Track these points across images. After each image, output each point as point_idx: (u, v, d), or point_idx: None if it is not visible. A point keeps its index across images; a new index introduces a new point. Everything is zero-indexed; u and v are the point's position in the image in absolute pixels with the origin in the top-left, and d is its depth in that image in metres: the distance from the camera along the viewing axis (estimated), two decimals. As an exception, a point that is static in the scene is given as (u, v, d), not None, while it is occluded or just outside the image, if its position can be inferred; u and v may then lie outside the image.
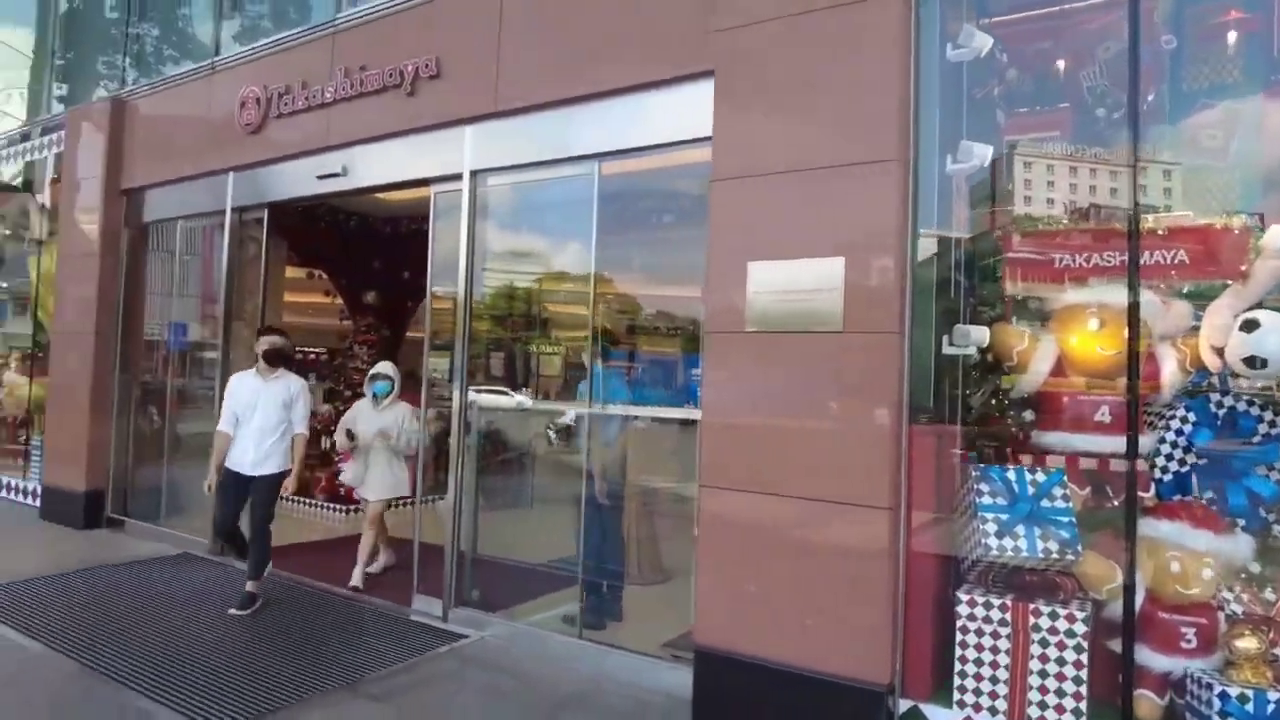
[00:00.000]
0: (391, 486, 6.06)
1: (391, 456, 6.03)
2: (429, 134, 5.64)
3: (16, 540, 7.29)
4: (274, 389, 5.51)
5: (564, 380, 5.50)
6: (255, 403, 5.45)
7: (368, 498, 6.07)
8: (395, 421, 6.02)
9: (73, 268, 8.13)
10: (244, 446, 5.44)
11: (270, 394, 5.49)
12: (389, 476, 6.04)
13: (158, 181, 7.70)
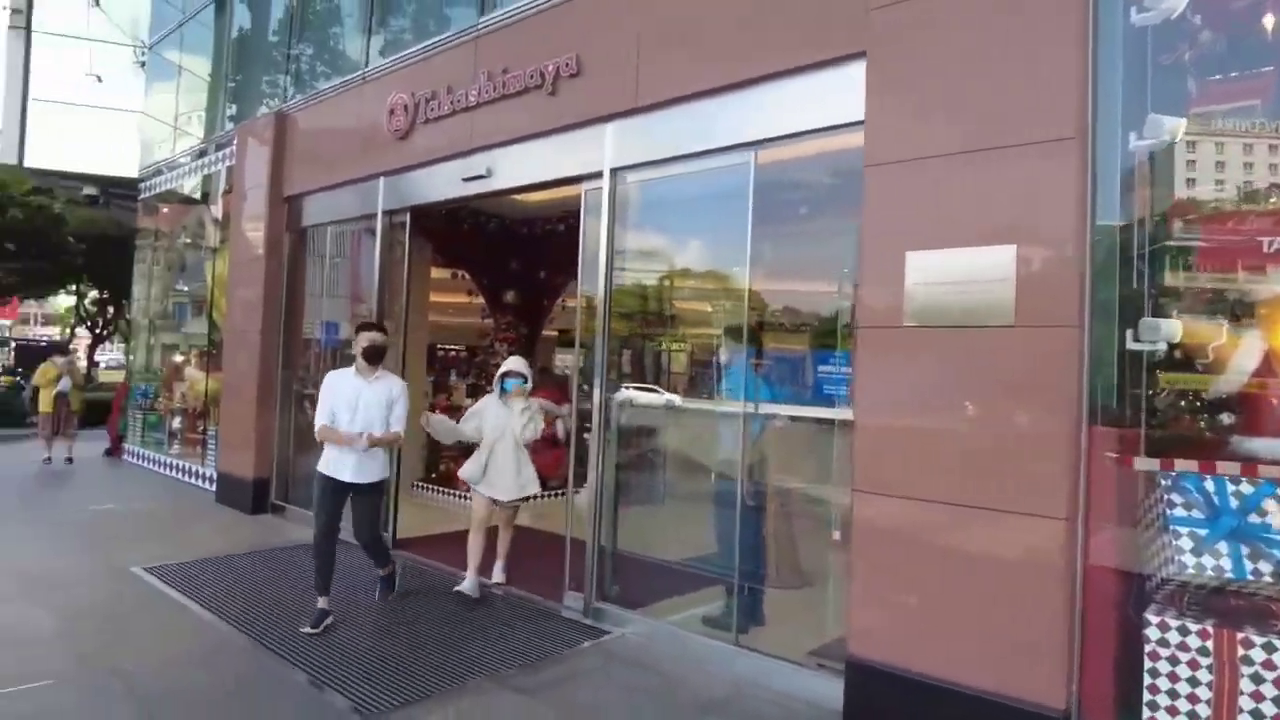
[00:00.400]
0: (521, 486, 5.65)
1: (519, 454, 5.63)
2: (569, 133, 5.65)
3: (196, 522, 7.88)
4: (376, 390, 5.12)
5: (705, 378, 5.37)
6: (356, 404, 5.04)
7: (499, 499, 5.65)
8: (524, 417, 5.64)
9: (241, 271, 8.73)
10: (342, 453, 5.03)
11: (372, 395, 5.09)
12: (519, 475, 5.64)
13: (315, 188, 8.13)
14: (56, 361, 11.15)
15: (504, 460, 5.57)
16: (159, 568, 6.08)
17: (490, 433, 5.62)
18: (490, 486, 5.61)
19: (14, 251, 19.51)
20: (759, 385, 5.00)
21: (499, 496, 5.61)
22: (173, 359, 11.53)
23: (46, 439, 10.99)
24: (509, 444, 5.58)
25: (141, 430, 11.44)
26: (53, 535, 7.13)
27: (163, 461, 10.65)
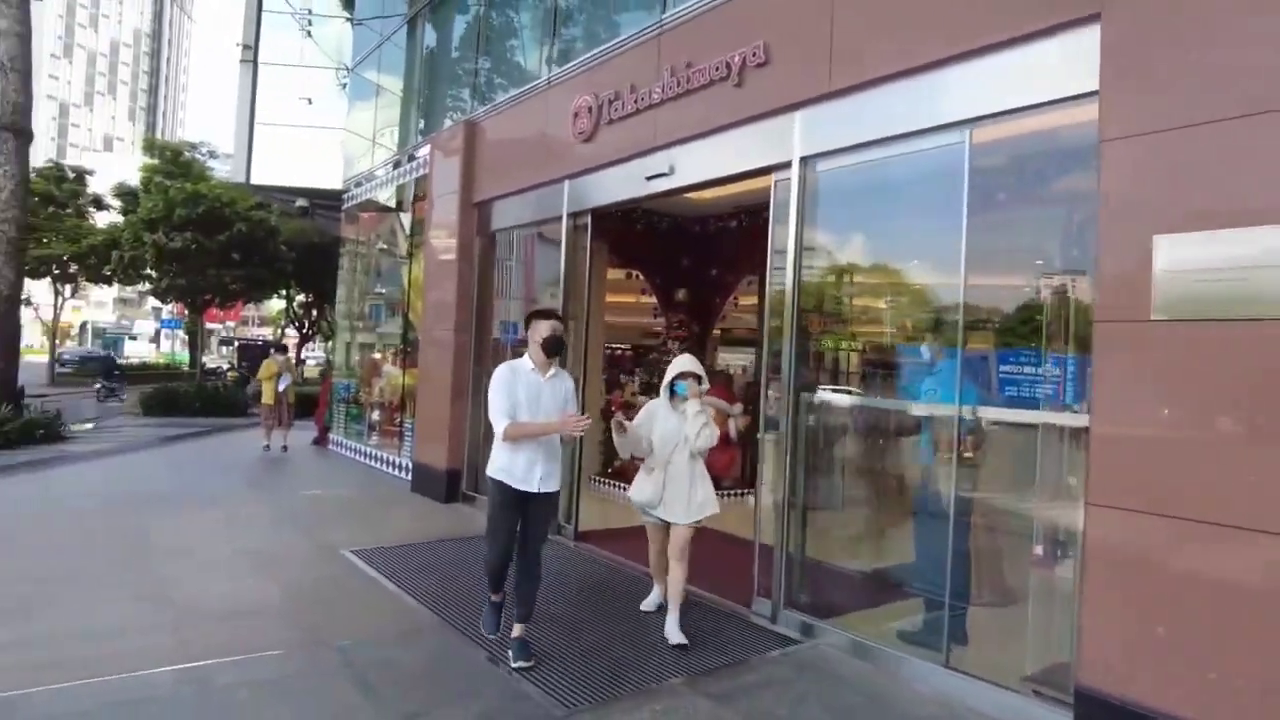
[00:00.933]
0: (700, 506, 4.83)
1: (695, 468, 4.83)
2: (756, 124, 5.46)
3: (394, 509, 8.37)
4: (556, 389, 4.44)
5: (903, 378, 5.01)
6: (537, 403, 4.34)
7: (675, 521, 4.81)
8: (698, 422, 4.79)
9: (435, 274, 9.18)
10: (529, 458, 4.31)
11: (553, 394, 4.41)
12: (697, 494, 4.83)
13: (502, 194, 8.40)
14: (277, 359, 12.30)
15: (678, 476, 4.79)
16: (363, 551, 6.46)
17: (661, 444, 4.82)
18: (667, 509, 4.81)
19: (238, 260, 21.80)
20: (966, 387, 4.61)
21: (674, 520, 4.81)
22: (371, 356, 12.38)
23: (267, 429, 12.14)
24: (682, 456, 4.80)
25: (344, 422, 12.39)
26: (273, 517, 7.77)
27: (363, 451, 11.45)
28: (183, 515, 7.63)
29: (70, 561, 5.87)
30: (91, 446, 13.48)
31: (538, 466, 4.34)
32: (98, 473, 10.02)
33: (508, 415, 4.25)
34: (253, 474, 10.42)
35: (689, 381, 4.86)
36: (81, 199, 29.94)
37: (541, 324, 4.46)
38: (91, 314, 64.85)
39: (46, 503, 8.03)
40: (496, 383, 4.33)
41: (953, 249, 4.27)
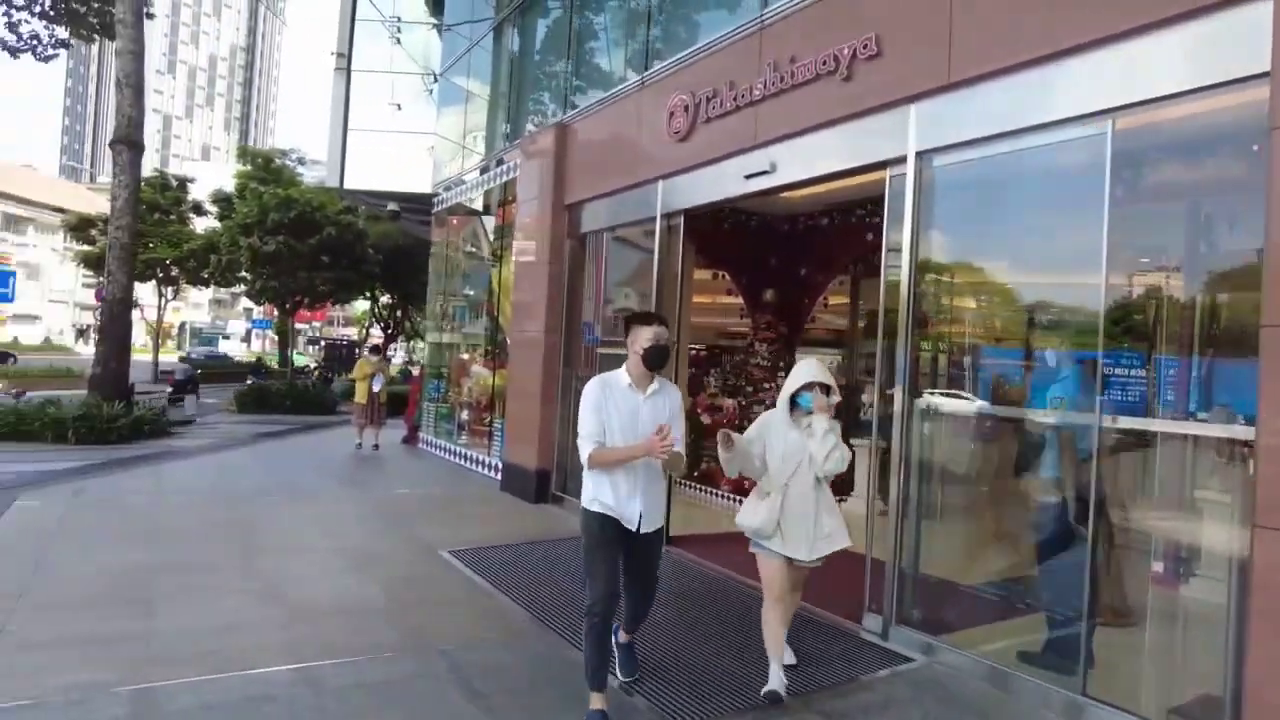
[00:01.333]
0: (828, 539, 4.02)
1: (821, 494, 4.03)
2: (866, 119, 5.23)
3: (486, 509, 8.39)
4: (658, 407, 3.71)
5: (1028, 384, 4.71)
6: (634, 424, 3.65)
7: (795, 558, 4.01)
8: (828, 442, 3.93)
9: (525, 276, 9.19)
10: (627, 489, 3.67)
11: (653, 414, 3.68)
12: (823, 524, 4.00)
13: (593, 195, 8.34)
14: (371, 359, 12.56)
15: (801, 504, 3.98)
16: (461, 551, 6.46)
17: (780, 466, 4.01)
18: (786, 542, 4.02)
19: (327, 263, 22.47)
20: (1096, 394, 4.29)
21: (794, 556, 4.01)
22: (459, 357, 12.52)
23: (359, 427, 12.39)
24: (806, 481, 3.97)
25: (434, 421, 12.56)
26: (370, 515, 7.88)
27: (452, 450, 11.58)
28: (284, 510, 7.81)
29: (185, 554, 6.03)
30: (194, 442, 14.04)
31: (637, 499, 3.67)
32: (203, 468, 10.39)
33: (595, 439, 3.62)
34: (346, 471, 10.64)
35: (815, 393, 3.99)
36: (183, 205, 31.39)
37: (643, 330, 3.71)
38: (189, 315, 68.06)
39: (161, 495, 8.33)
40: (585, 401, 3.72)
41: (1091, 247, 3.97)
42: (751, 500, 4.20)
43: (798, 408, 4.07)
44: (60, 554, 5.86)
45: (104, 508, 7.47)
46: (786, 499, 3.98)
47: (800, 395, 4.05)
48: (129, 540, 6.34)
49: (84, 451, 12.31)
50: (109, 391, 14.78)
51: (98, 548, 6.10)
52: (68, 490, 8.25)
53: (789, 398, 4.07)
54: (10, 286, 15.07)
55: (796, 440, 4.01)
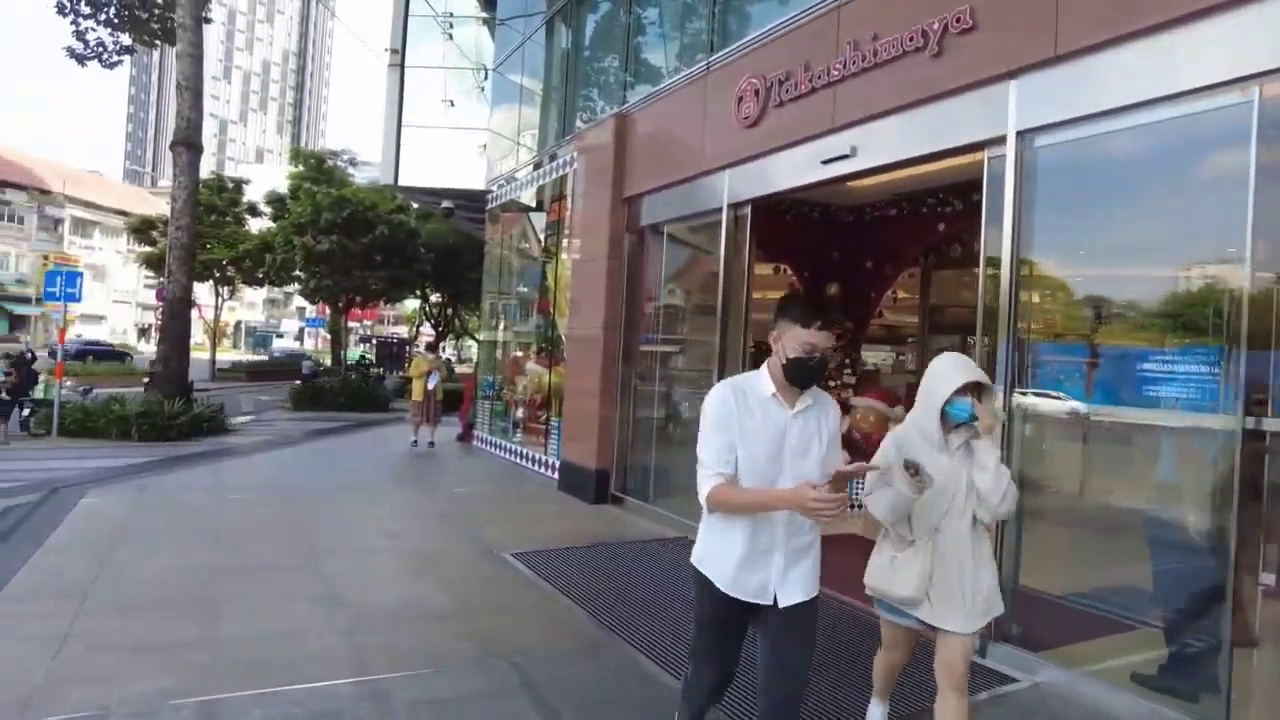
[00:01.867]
0: (986, 603, 2.96)
1: (981, 545, 2.98)
2: (958, 97, 4.85)
3: (545, 509, 8.17)
4: (810, 427, 2.60)
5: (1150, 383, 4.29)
6: (778, 454, 2.54)
7: (949, 629, 2.92)
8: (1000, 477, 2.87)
9: (583, 271, 8.95)
10: (765, 543, 2.55)
11: (802, 439, 2.57)
12: (982, 582, 2.94)
13: (654, 187, 8.05)
14: (427, 357, 12.47)
15: (955, 556, 2.92)
16: (525, 554, 6.23)
17: (930, 505, 2.91)
18: (934, 607, 2.93)
19: (380, 262, 22.62)
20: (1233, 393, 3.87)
21: (946, 626, 2.92)
22: (513, 354, 12.35)
23: (415, 425, 12.30)
24: (962, 525, 2.92)
25: (489, 419, 12.42)
26: (429, 514, 7.72)
27: (508, 448, 11.41)
28: (343, 508, 7.69)
29: (248, 555, 5.90)
30: (251, 439, 14.13)
31: (775, 557, 2.55)
32: (262, 466, 10.38)
33: (719, 469, 2.52)
34: (403, 469, 10.54)
35: (972, 400, 2.86)
36: (238, 207, 31.96)
37: (797, 332, 2.48)
38: (244, 314, 69.61)
39: (222, 491, 8.28)
40: (709, 414, 2.58)
41: (1230, 232, 3.55)
42: (882, 553, 3.10)
43: (947, 420, 2.92)
44: (124, 554, 5.78)
45: (167, 506, 7.42)
46: (935, 550, 2.93)
47: (953, 403, 2.86)
48: (192, 540, 6.25)
49: (147, 448, 12.45)
50: (170, 389, 14.98)
51: (161, 548, 6.02)
52: (132, 488, 8.25)
53: (937, 409, 2.89)
54: (78, 287, 15.31)
55: (948, 468, 2.92)
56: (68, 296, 14.94)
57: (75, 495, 7.71)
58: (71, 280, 15.16)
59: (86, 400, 14.91)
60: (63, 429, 13.42)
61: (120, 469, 10.23)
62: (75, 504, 7.31)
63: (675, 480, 7.85)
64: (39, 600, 4.77)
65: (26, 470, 10.39)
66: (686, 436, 7.80)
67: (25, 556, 5.62)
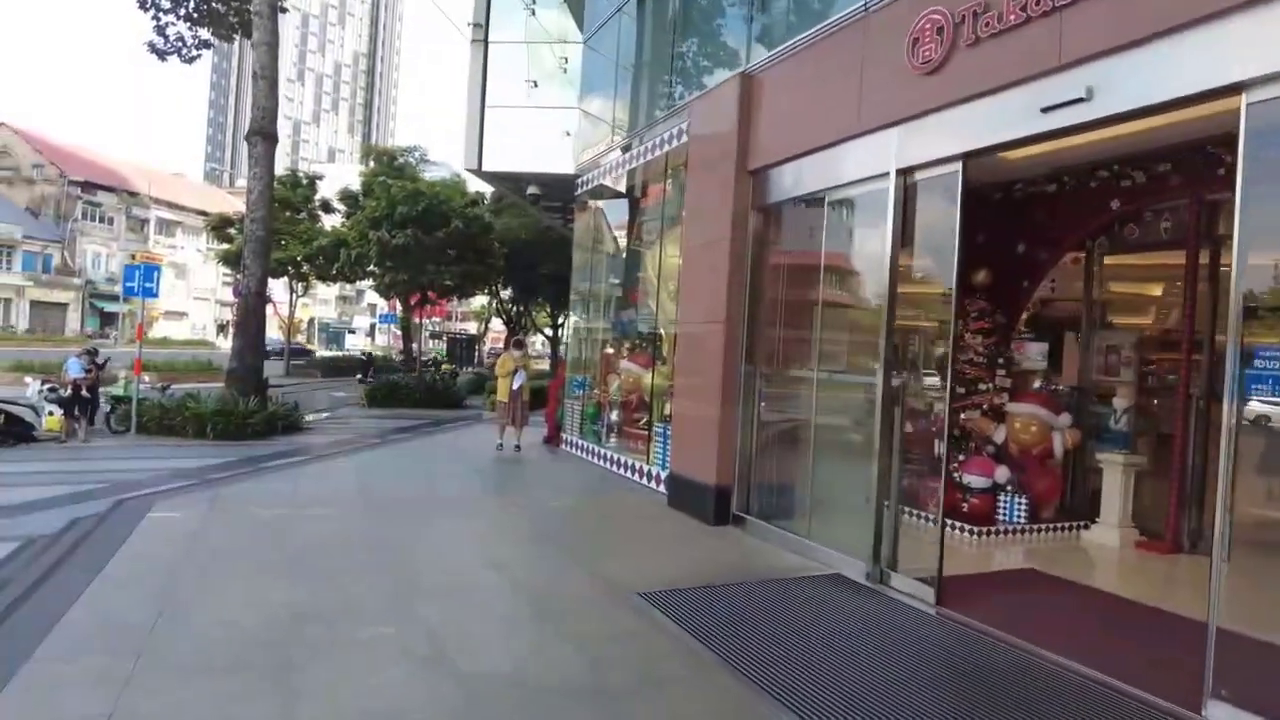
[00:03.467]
0: None
1: None
2: (1239, 15, 3.55)
3: (659, 530, 7.01)
4: None
5: None
6: None
7: None
8: None
9: (699, 257, 7.77)
10: None
11: None
12: None
13: (789, 156, 6.82)
14: (513, 354, 11.43)
15: None
16: (657, 596, 5.09)
17: None
18: None
19: (454, 256, 21.89)
20: None
21: None
22: (605, 351, 11.27)
23: (500, 427, 11.29)
24: None
25: (579, 421, 11.32)
26: (531, 536, 6.66)
27: (601, 454, 10.31)
28: (435, 527, 6.68)
29: (331, 592, 4.91)
30: (327, 438, 13.41)
31: None
32: (341, 472, 9.47)
33: None
34: (492, 476, 9.55)
35: None
36: (312, 203, 31.81)
37: None
38: (317, 310, 70.56)
39: (300, 506, 7.37)
40: None
41: None
42: None
43: None
44: (189, 589, 4.83)
45: (239, 523, 6.50)
46: None
47: None
48: (267, 570, 5.28)
49: (221, 448, 11.81)
50: (245, 386, 14.40)
51: (230, 581, 5.06)
52: (203, 499, 7.38)
53: None
54: (156, 281, 14.79)
55: None
56: (145, 292, 14.42)
57: (143, 507, 6.90)
58: (149, 274, 14.65)
59: (164, 398, 14.44)
60: (140, 427, 12.94)
61: (193, 472, 9.51)
62: (142, 518, 6.47)
63: (814, 501, 6.66)
64: (85, 658, 3.81)
65: (100, 471, 9.81)
66: (834, 449, 6.60)
67: (80, 588, 4.74)
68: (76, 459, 11.06)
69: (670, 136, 8.83)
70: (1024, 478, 7.67)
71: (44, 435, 12.04)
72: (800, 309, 7.05)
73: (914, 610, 5.12)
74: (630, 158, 10.08)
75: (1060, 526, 7.46)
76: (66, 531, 6.18)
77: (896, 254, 5.70)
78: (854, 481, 6.53)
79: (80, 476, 9.37)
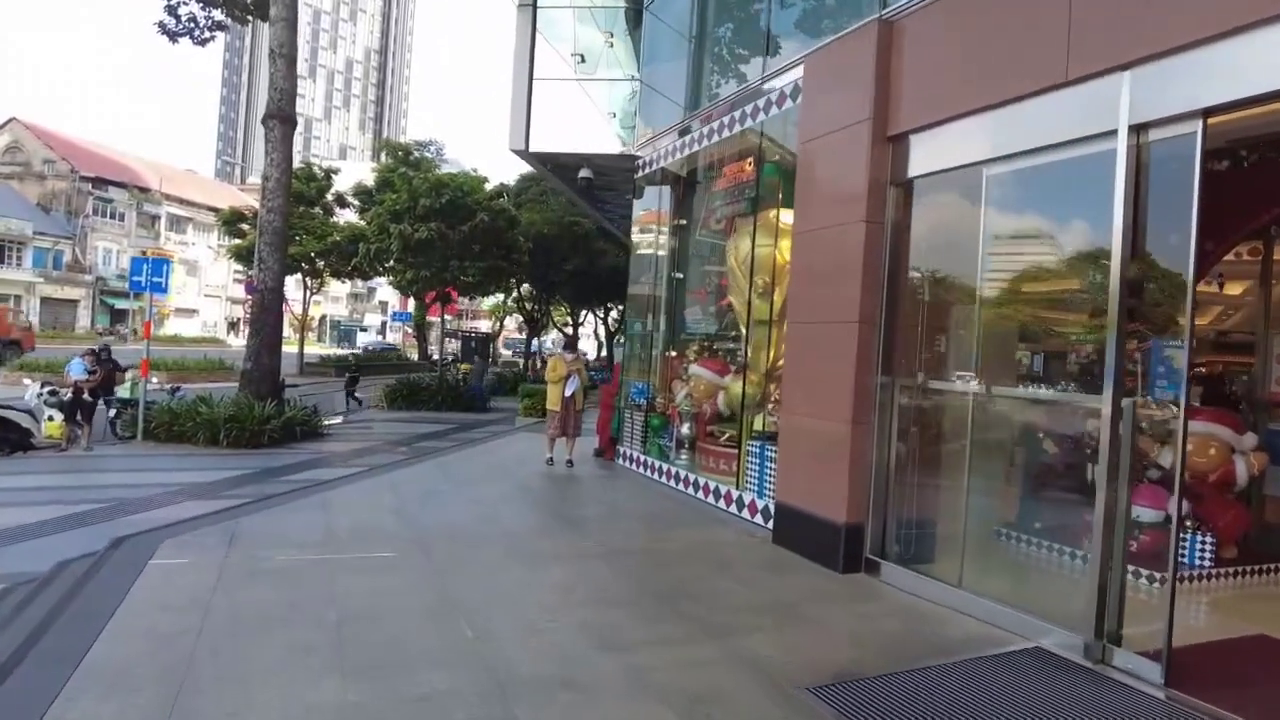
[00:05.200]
0: None
1: None
2: None
3: (782, 582, 5.53)
4: None
5: None
6: None
7: None
8: None
9: (819, 243, 6.35)
10: None
11: None
12: None
13: (945, 117, 5.42)
14: (565, 357, 9.92)
15: None
16: (835, 693, 3.68)
17: None
18: None
19: (479, 251, 20.45)
20: None
21: None
22: (669, 353, 9.87)
23: (550, 439, 9.82)
24: None
25: (642, 434, 9.85)
26: (634, 591, 5.21)
27: (669, 472, 8.87)
28: (507, 578, 5.27)
29: (395, 689, 3.51)
30: (350, 445, 12.08)
31: None
32: (376, 495, 8.02)
33: None
34: (551, 501, 8.13)
35: None
36: (326, 197, 30.51)
37: None
38: (329, 308, 69.22)
39: (337, 547, 5.95)
40: None
41: None
42: None
43: None
44: (205, 692, 3.43)
45: (266, 577, 5.05)
46: None
47: None
48: (307, 652, 3.87)
49: (236, 458, 10.50)
50: (260, 388, 13.07)
51: (258, 670, 3.65)
52: (219, 538, 5.93)
53: None
54: (165, 276, 13.44)
55: None
56: (154, 287, 13.08)
57: (146, 548, 5.51)
58: (158, 269, 13.31)
59: (174, 401, 13.11)
60: (148, 433, 11.65)
61: (205, 489, 8.22)
62: (143, 568, 5.06)
63: (975, 544, 5.29)
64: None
65: (101, 486, 8.52)
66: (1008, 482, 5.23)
67: (56, 687, 3.36)
68: (76, 470, 9.74)
69: (766, 103, 7.42)
70: (1200, 509, 6.29)
71: (43, 443, 10.77)
72: (954, 308, 5.67)
73: (1139, 695, 3.80)
74: (706, 133, 8.67)
75: (1255, 570, 6.06)
76: (48, 586, 4.81)
77: (1128, 238, 4.30)
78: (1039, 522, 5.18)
79: (78, 494, 8.05)
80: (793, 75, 6.99)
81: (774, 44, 7.94)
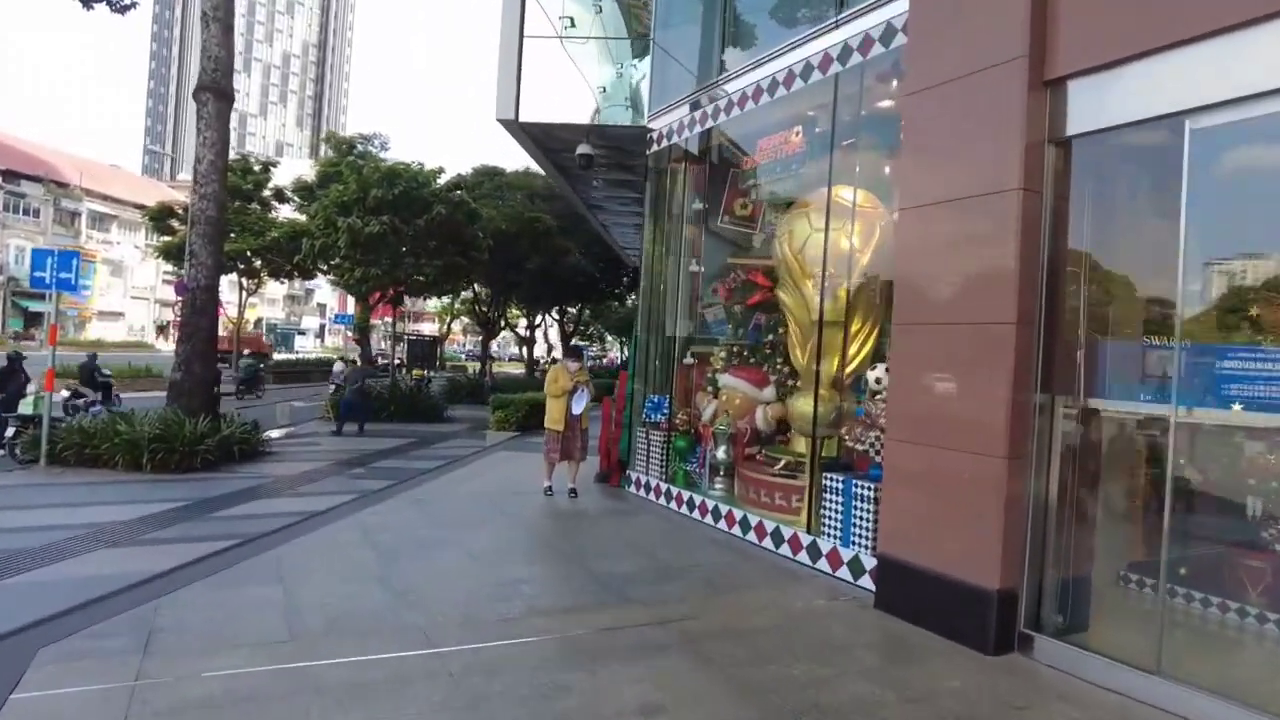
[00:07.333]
0: None
1: None
2: None
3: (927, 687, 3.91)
4: None
5: None
6: None
7: None
8: None
9: (942, 222, 4.81)
10: None
11: None
12: None
13: (1136, 52, 3.99)
14: (569, 366, 8.05)
15: None
16: None
17: None
18: None
19: (435, 248, 18.50)
20: None
21: None
22: (683, 362, 8.27)
23: (550, 463, 8.04)
24: None
25: (662, 457, 8.17)
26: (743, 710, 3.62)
27: (702, 506, 7.21)
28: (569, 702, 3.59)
29: None
30: (297, 467, 10.16)
31: None
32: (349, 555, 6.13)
33: None
34: (572, 551, 6.30)
35: None
36: (264, 190, 28.05)
37: None
38: (265, 310, 65.35)
39: (306, 649, 4.16)
40: None
41: None
42: None
43: None
44: None
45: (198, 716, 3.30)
46: None
47: None
48: None
49: (162, 485, 8.56)
50: (192, 402, 10.96)
51: None
52: (130, 635, 4.08)
53: None
54: (74, 270, 11.16)
55: None
56: (61, 284, 10.82)
57: (8, 670, 3.64)
58: (66, 262, 11.04)
59: (87, 418, 10.92)
60: (54, 456, 9.50)
61: (120, 531, 6.36)
62: (2, 704, 3.24)
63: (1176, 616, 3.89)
64: None
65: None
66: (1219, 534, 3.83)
67: None
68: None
69: (844, 50, 5.92)
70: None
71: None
72: (1143, 306, 4.25)
73: None
74: (751, 92, 7.11)
75: None
76: None
77: None
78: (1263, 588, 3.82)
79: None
80: (883, 13, 5.50)
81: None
